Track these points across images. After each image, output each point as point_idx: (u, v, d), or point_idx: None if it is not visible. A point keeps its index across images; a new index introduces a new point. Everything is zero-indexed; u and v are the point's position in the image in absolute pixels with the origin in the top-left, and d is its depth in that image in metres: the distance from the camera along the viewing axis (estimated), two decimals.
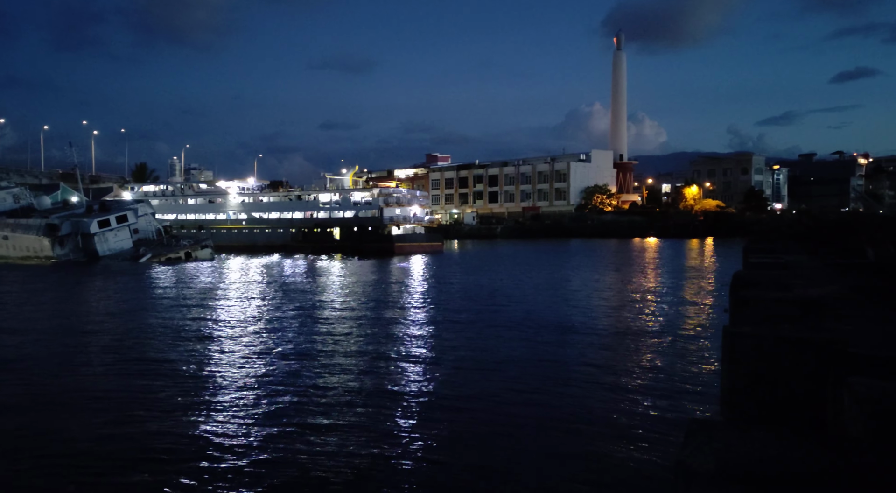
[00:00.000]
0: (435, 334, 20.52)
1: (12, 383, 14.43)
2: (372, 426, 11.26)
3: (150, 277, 43.68)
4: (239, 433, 10.93)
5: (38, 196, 75.08)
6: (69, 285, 39.86)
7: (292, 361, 16.49)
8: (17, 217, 66.99)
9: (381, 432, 10.98)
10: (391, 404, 12.62)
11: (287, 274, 45.15)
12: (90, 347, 18.75)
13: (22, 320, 24.21)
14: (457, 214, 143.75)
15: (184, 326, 22.10)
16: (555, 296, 30.81)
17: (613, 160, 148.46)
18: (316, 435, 10.76)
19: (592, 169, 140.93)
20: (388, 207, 78.37)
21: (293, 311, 25.59)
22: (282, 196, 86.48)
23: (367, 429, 11.14)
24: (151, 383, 14.25)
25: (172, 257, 60.35)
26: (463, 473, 9.32)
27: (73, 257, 60.13)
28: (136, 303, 29.38)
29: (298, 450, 10.09)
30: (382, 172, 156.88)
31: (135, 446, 10.31)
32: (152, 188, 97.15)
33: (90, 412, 12.14)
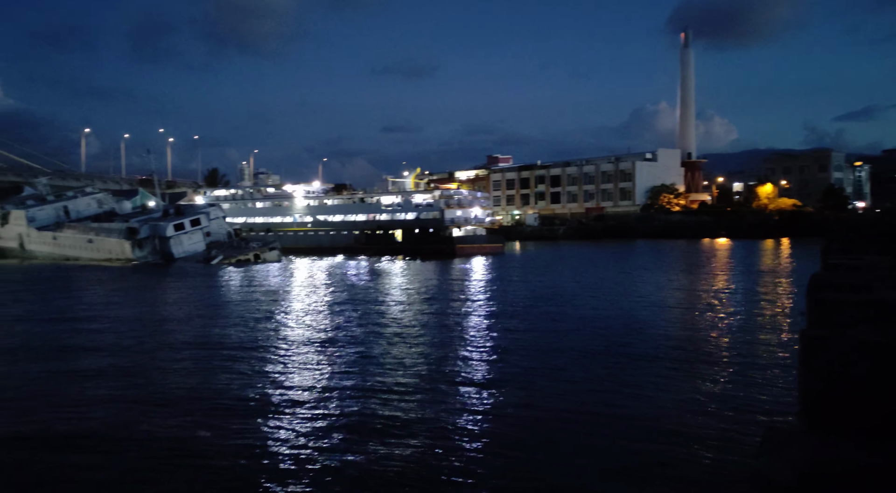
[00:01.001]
0: (498, 333, 20.45)
1: (109, 374, 15.26)
2: (439, 424, 11.32)
3: (222, 278, 45.34)
4: (310, 427, 11.19)
5: (119, 201, 79.37)
6: (150, 284, 41.82)
7: (359, 356, 16.81)
8: (101, 221, 70.91)
9: (446, 429, 11.02)
10: (457, 401, 12.66)
11: (351, 275, 45.98)
12: (174, 341, 19.71)
13: (114, 317, 25.57)
14: (518, 215, 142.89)
15: (257, 323, 22.84)
16: (622, 297, 30.19)
17: (681, 159, 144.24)
18: (385, 427, 10.91)
19: (659, 168, 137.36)
20: (449, 208, 78.67)
21: (358, 310, 26.03)
22: (345, 199, 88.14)
23: (436, 426, 11.20)
24: (229, 375, 14.85)
25: (242, 258, 62.43)
26: (529, 471, 9.26)
27: (151, 259, 63.04)
28: (212, 302, 30.61)
29: (367, 441, 10.26)
30: (443, 174, 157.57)
31: (214, 431, 10.73)
32: (223, 192, 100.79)
33: (177, 401, 12.72)
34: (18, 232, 74.46)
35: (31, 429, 11.55)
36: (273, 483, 8.98)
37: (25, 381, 15.16)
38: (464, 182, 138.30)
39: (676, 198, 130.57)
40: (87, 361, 17.33)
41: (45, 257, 70.56)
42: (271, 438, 10.83)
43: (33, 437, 11.09)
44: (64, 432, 11.39)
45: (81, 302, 31.96)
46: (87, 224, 70.69)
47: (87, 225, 70.44)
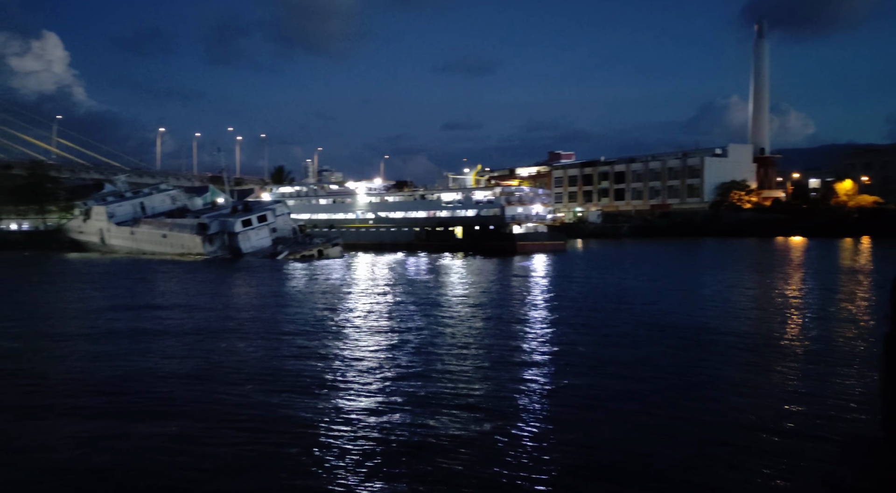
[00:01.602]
0: (559, 331, 20.10)
1: (188, 356, 15.87)
2: (498, 423, 11.18)
3: (287, 272, 46.47)
4: (374, 402, 11.26)
5: (191, 198, 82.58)
6: (221, 278, 43.28)
7: (421, 344, 16.86)
8: (174, 217, 73.98)
9: (505, 429, 10.88)
10: (516, 400, 12.48)
11: (411, 271, 46.29)
12: (245, 329, 20.33)
13: (192, 307, 26.60)
14: (581, 212, 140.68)
15: (321, 315, 23.29)
16: (689, 297, 29.23)
17: (753, 154, 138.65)
18: (447, 421, 10.86)
19: (729, 164, 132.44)
20: (510, 205, 78.14)
21: (418, 306, 26.13)
22: (406, 196, 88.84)
23: (495, 426, 11.08)
24: (297, 363, 15.17)
25: (306, 254, 63.81)
26: (592, 461, 9.01)
27: (221, 254, 65.26)
28: (279, 295, 31.44)
29: (429, 435, 10.24)
30: (504, 171, 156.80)
31: (281, 415, 10.95)
32: (288, 189, 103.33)
33: (246, 382, 13.08)
34: (100, 227, 78.54)
35: (120, 401, 12.11)
36: (334, 457, 9.06)
37: (118, 359, 15.90)
38: (525, 179, 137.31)
39: (748, 195, 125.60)
40: (169, 343, 18.04)
41: (123, 251, 74.18)
42: (335, 416, 10.95)
43: (120, 410, 11.62)
44: (146, 405, 11.94)
45: (162, 293, 33.42)
46: (162, 220, 73.87)
47: (161, 221, 73.61)
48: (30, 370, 15.64)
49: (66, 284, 40.44)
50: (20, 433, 11.12)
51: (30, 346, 18.83)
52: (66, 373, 15.33)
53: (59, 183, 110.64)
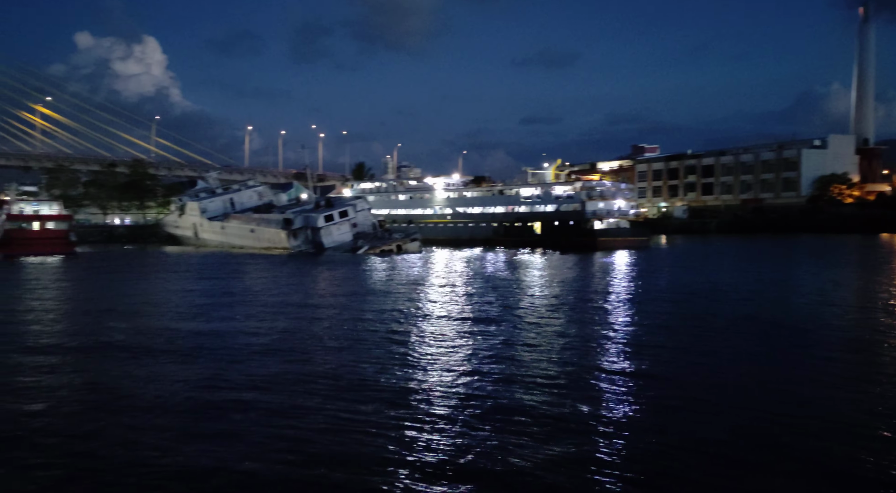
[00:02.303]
0: (641, 331, 19.20)
1: (274, 346, 16.27)
2: (580, 412, 10.66)
3: (368, 266, 47.14)
4: (452, 404, 11.01)
5: (276, 194, 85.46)
6: (305, 271, 44.40)
7: (497, 342, 16.49)
8: (261, 212, 76.76)
9: (587, 422, 10.35)
10: (601, 394, 11.89)
11: (489, 266, 45.91)
12: (328, 321, 20.63)
13: (280, 297, 27.41)
14: (665, 207, 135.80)
15: (400, 308, 23.32)
16: (786, 297, 27.44)
17: (856, 146, 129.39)
18: (522, 421, 10.46)
19: (829, 156, 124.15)
20: (590, 200, 76.32)
21: (495, 301, 25.73)
22: (484, 191, 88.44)
23: (576, 430, 10.56)
24: (378, 353, 15.15)
25: (385, 249, 64.63)
26: (675, 466, 8.38)
27: (304, 248, 67.12)
28: (360, 288, 31.92)
29: (506, 432, 9.87)
30: (585, 165, 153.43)
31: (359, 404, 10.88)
32: (368, 185, 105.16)
33: (324, 375, 13.18)
34: (193, 222, 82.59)
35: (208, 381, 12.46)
36: (418, 458, 8.84)
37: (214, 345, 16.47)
38: (606, 173, 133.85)
39: (849, 189, 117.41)
40: (253, 330, 18.53)
41: (214, 245, 77.68)
42: (411, 417, 10.74)
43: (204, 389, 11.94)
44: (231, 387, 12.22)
45: (254, 284, 34.65)
46: (250, 215, 76.81)
47: (249, 216, 76.54)
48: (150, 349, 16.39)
49: (176, 275, 42.55)
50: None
51: (143, 329, 19.80)
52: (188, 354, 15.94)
53: (157, 180, 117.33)
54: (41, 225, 66.49)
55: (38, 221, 66.76)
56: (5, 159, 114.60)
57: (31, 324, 21.97)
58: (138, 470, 9.13)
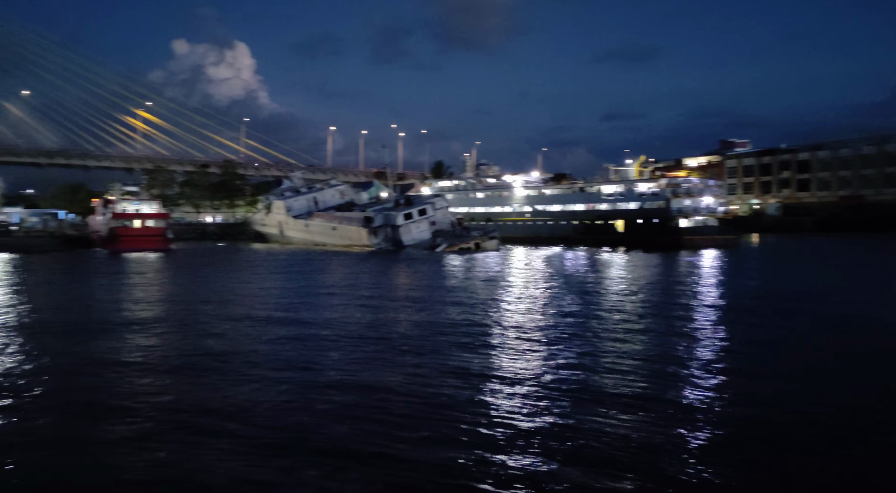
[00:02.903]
0: (732, 330, 18.26)
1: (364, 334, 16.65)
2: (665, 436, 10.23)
3: (446, 264, 47.36)
4: (532, 397, 10.83)
5: (357, 192, 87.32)
6: (385, 268, 45.13)
7: (577, 341, 16.08)
8: (343, 211, 78.64)
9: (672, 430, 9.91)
10: (684, 402, 11.37)
11: (569, 265, 45.13)
12: (405, 316, 20.87)
13: (362, 292, 28.05)
14: (757, 204, 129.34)
15: (478, 305, 23.24)
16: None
17: None
18: (606, 423, 10.14)
19: None
20: (676, 198, 73.66)
21: (574, 301, 25.20)
22: (564, 189, 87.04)
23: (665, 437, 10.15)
24: (456, 349, 15.14)
25: (464, 247, 64.75)
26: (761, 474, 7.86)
27: (384, 246, 68.23)
28: (439, 285, 32.07)
29: (583, 432, 9.61)
30: (670, 162, 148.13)
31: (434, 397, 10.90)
32: (447, 184, 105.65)
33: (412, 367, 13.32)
34: (279, 220, 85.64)
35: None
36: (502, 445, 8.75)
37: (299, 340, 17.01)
38: (693, 169, 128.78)
39: None
40: (337, 323, 18.99)
41: (298, 242, 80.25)
42: (495, 408, 10.65)
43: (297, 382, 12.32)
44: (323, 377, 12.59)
45: (342, 279, 35.61)
46: (332, 213, 78.85)
47: (331, 214, 78.59)
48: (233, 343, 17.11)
49: (269, 270, 44.30)
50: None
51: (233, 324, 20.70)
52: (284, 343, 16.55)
53: (246, 180, 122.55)
54: (142, 223, 70.83)
55: (140, 219, 71.15)
56: (111, 161, 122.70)
57: (148, 308, 23.42)
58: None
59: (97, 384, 13.40)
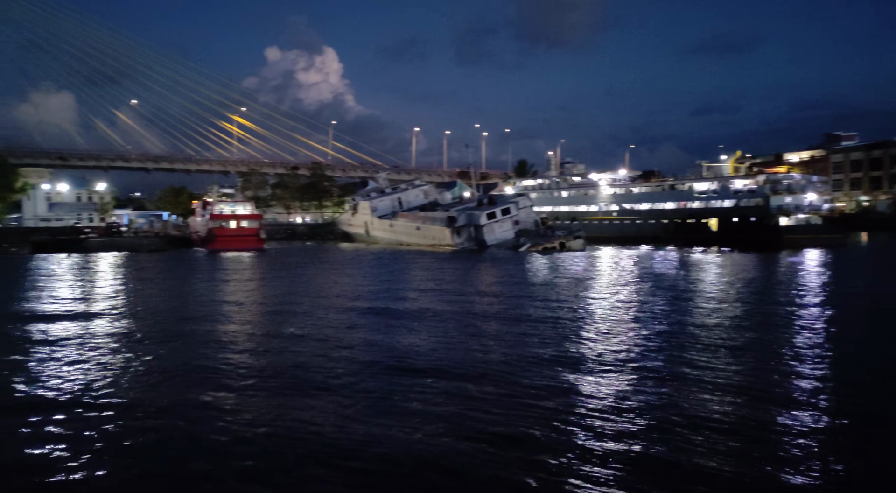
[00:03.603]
0: (837, 339, 16.78)
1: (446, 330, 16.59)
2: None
3: (530, 264, 46.69)
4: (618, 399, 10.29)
5: (441, 192, 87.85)
6: (468, 267, 45.00)
7: (669, 349, 15.23)
8: (426, 211, 79.27)
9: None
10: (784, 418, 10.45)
11: (658, 266, 43.38)
12: (488, 312, 20.59)
13: (445, 289, 28.09)
14: (866, 201, 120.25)
15: (562, 305, 22.63)
16: None
17: None
18: (709, 428, 9.46)
19: None
20: (775, 195, 69.47)
21: (664, 304, 24.05)
22: (653, 187, 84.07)
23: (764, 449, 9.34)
24: (535, 349, 14.73)
25: (548, 246, 63.71)
26: None
27: (467, 246, 68.18)
28: (521, 284, 31.57)
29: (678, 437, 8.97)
30: (768, 157, 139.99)
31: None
32: (531, 182, 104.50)
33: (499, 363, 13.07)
34: (365, 220, 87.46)
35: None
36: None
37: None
38: (794, 165, 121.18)
39: None
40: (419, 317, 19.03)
41: (383, 242, 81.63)
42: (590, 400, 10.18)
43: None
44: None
45: (423, 277, 35.85)
46: (416, 213, 79.66)
47: (415, 214, 79.40)
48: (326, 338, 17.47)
49: (359, 268, 45.33)
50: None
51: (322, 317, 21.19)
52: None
53: (333, 181, 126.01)
54: (237, 224, 74.21)
55: (235, 220, 74.58)
56: (209, 165, 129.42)
57: (255, 301, 24.40)
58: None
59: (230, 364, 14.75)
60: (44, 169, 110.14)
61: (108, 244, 72.23)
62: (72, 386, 13.22)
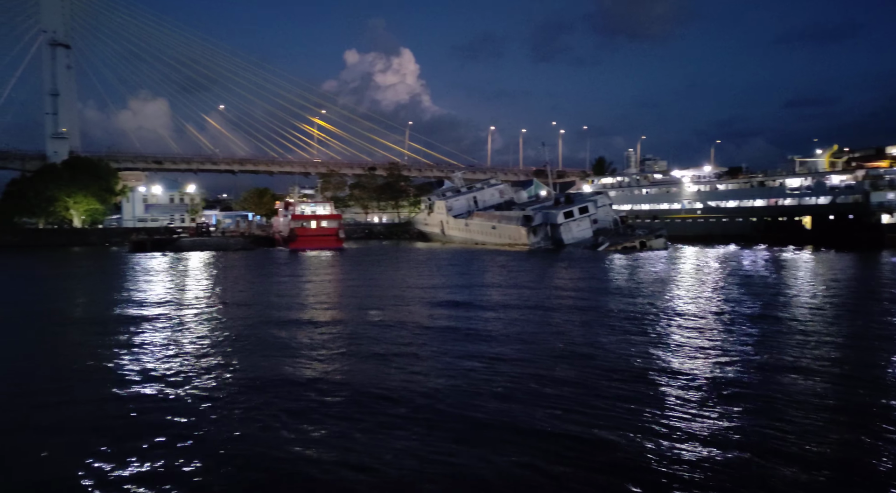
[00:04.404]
0: None
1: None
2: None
3: (608, 263, 45.51)
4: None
5: (517, 191, 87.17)
6: (546, 267, 44.40)
7: (750, 361, 14.33)
8: (502, 210, 78.85)
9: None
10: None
11: (747, 267, 41.27)
12: (564, 309, 20.14)
13: (524, 288, 27.79)
14: None
15: (642, 311, 21.82)
16: None
17: None
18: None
19: None
20: (876, 191, 64.95)
21: (751, 309, 22.74)
22: (741, 183, 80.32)
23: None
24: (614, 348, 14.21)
25: (628, 245, 62.00)
26: None
27: (543, 245, 67.29)
28: (599, 284, 30.70)
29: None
30: (868, 150, 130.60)
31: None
32: (609, 180, 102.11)
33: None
34: (440, 219, 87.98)
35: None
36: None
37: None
38: None
39: None
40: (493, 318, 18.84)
41: (458, 241, 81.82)
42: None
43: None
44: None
45: (500, 276, 35.63)
46: (491, 212, 79.39)
47: (490, 213, 79.14)
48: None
49: (436, 267, 45.68)
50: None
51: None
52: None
53: (409, 181, 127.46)
54: (317, 224, 76.22)
55: (316, 220, 76.62)
56: (290, 166, 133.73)
57: (341, 295, 24.99)
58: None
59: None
60: (140, 172, 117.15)
61: (198, 244, 75.81)
62: (175, 363, 14.75)
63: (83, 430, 10.59)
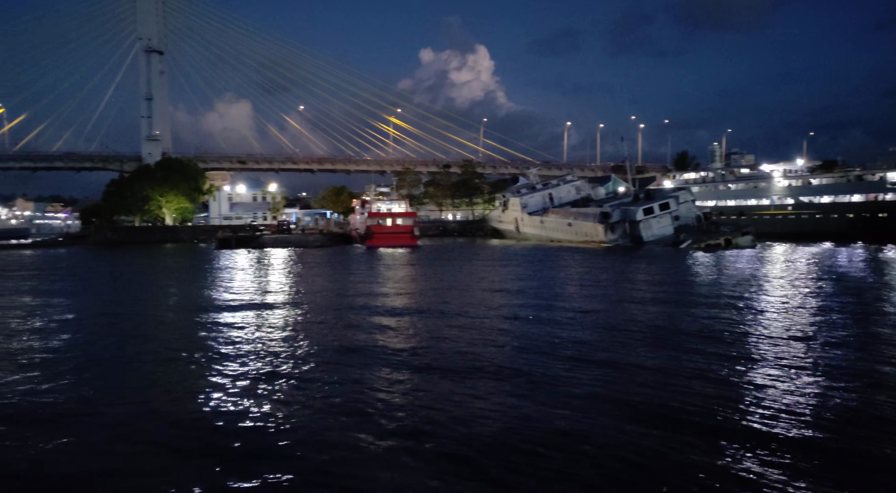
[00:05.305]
0: None
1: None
2: None
3: (691, 262, 43.67)
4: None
5: (594, 187, 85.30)
6: (624, 265, 43.10)
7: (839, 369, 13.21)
8: (578, 207, 77.33)
9: None
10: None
11: (843, 266, 38.59)
12: (636, 315, 19.38)
13: (595, 286, 27.08)
14: None
15: (722, 311, 20.70)
16: None
17: None
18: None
19: None
20: None
21: (851, 313, 21.11)
22: (837, 177, 75.48)
23: None
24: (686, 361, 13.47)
25: (712, 243, 59.44)
26: None
27: (622, 242, 65.47)
28: (680, 285, 29.42)
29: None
30: None
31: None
32: (692, 176, 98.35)
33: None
34: (515, 217, 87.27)
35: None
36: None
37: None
38: None
39: None
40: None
41: (533, 239, 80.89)
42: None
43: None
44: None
45: (578, 274, 34.93)
46: (567, 209, 78.01)
47: (566, 210, 77.76)
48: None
49: (509, 265, 45.38)
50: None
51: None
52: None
53: (483, 178, 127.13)
54: (393, 221, 77.19)
55: (391, 217, 77.63)
56: (367, 165, 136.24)
57: (420, 292, 25.23)
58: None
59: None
60: (226, 172, 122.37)
61: (280, 241, 78.41)
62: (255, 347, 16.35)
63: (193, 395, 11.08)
